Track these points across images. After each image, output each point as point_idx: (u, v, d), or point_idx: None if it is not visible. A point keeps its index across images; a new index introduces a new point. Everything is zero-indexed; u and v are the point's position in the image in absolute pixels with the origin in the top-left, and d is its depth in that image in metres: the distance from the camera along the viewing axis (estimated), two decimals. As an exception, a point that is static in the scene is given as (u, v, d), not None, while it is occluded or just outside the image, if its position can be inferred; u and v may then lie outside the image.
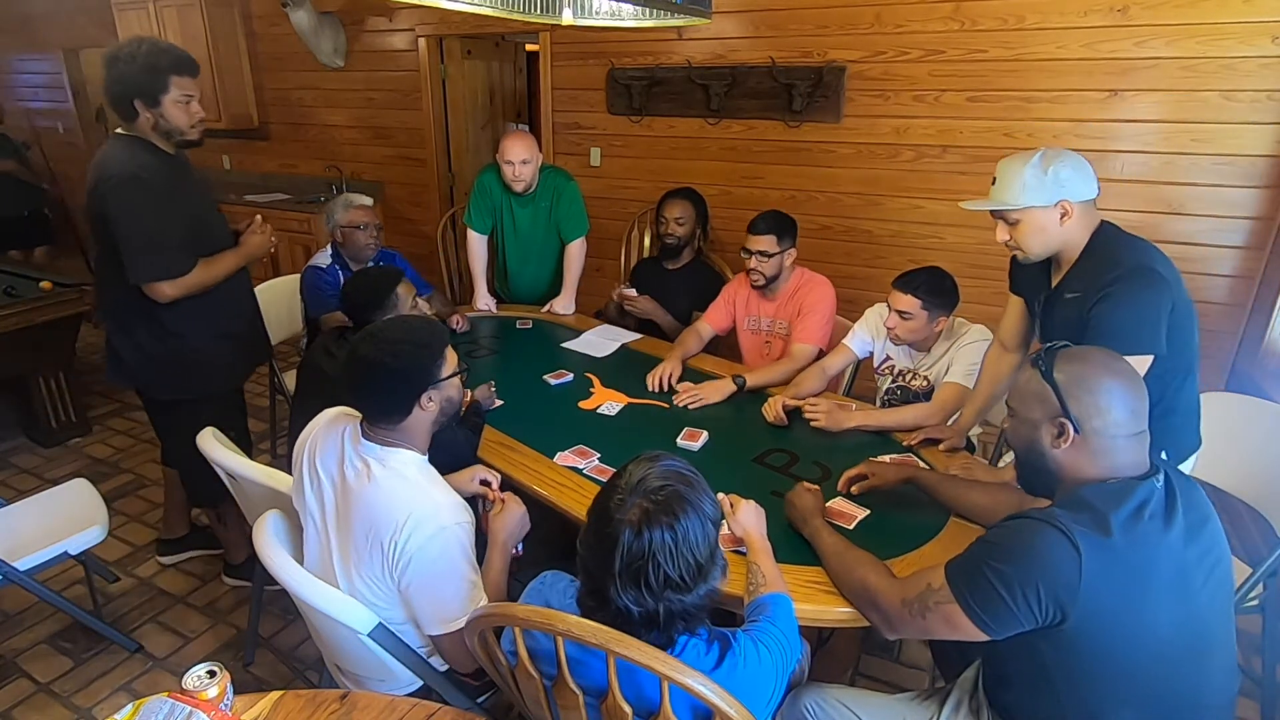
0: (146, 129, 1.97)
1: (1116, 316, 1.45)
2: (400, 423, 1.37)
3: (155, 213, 1.93)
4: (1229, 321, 2.91)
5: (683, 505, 1.02)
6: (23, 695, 2.03)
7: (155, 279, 1.96)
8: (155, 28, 4.96)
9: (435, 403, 1.39)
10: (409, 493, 1.32)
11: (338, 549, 1.39)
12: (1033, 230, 1.57)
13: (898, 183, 3.38)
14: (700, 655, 1.06)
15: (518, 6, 1.68)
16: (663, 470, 1.06)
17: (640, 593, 1.00)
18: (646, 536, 1.00)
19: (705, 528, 1.03)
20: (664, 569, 0.99)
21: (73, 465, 3.21)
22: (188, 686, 1.01)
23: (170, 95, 1.93)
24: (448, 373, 1.41)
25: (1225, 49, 2.68)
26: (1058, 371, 1.11)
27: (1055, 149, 1.55)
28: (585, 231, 3.01)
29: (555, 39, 4.03)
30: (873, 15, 3.22)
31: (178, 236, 1.97)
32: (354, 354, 1.36)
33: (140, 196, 1.91)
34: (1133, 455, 1.09)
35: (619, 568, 1.01)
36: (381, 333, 1.38)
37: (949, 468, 1.80)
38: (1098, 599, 1.00)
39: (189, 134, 2.01)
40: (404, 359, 1.34)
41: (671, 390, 2.26)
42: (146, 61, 1.89)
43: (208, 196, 2.21)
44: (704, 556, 1.03)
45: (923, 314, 2.06)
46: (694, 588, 1.02)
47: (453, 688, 1.45)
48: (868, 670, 2.12)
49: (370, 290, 2.04)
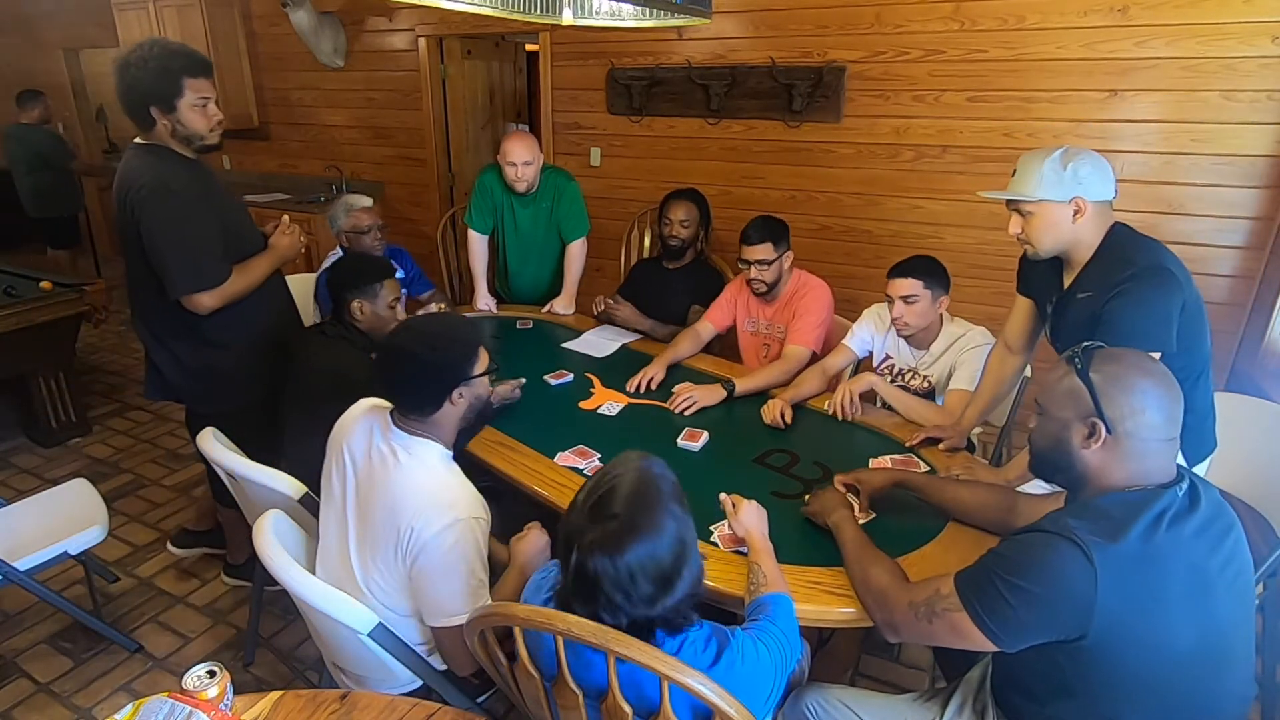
0: (165, 136, 1.90)
1: (1129, 314, 1.45)
2: (430, 415, 1.40)
3: (188, 223, 1.87)
4: (1229, 321, 2.90)
5: (631, 538, 0.99)
6: (23, 695, 2.03)
7: (195, 290, 1.90)
8: (155, 28, 4.96)
9: (465, 399, 1.42)
10: (431, 482, 1.36)
11: (355, 533, 1.42)
12: (1045, 225, 1.56)
13: (897, 183, 3.38)
14: (698, 652, 1.06)
15: (518, 6, 1.68)
16: (625, 492, 1.03)
17: (595, 611, 1.02)
18: (590, 565, 0.99)
19: (660, 545, 1.00)
20: (614, 596, 0.99)
21: (73, 465, 3.21)
22: (188, 686, 1.01)
23: (186, 99, 1.86)
24: (479, 370, 1.44)
25: (1225, 49, 2.69)
26: (1094, 371, 1.09)
27: (1079, 147, 1.55)
28: (586, 232, 3.01)
29: (555, 39, 4.03)
30: (873, 15, 3.22)
31: (213, 245, 1.92)
32: (390, 345, 1.41)
33: (172, 207, 1.85)
34: (1162, 461, 1.07)
35: (574, 585, 1.02)
36: (419, 327, 1.45)
37: (950, 468, 1.80)
38: (1115, 612, 0.99)
39: (209, 138, 1.94)
40: (439, 353, 1.38)
41: (657, 392, 2.25)
42: (158, 65, 1.82)
43: (235, 200, 2.16)
44: (668, 568, 1.00)
45: (926, 294, 2.08)
46: (660, 599, 1.01)
47: (452, 687, 1.45)
48: (868, 670, 2.12)
49: (359, 273, 2.07)
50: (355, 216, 2.72)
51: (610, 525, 1.00)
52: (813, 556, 1.47)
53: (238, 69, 5.06)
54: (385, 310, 2.08)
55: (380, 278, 2.07)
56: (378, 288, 2.06)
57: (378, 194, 4.99)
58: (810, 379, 2.21)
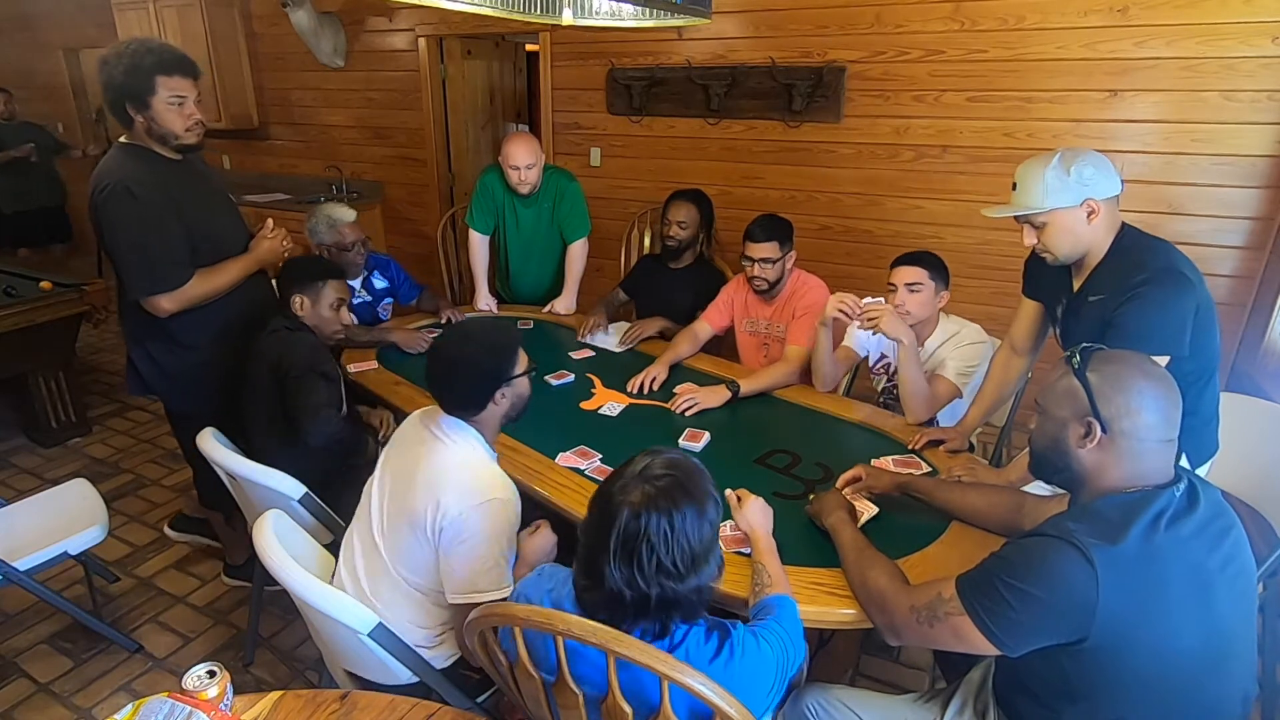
0: (143, 134, 1.90)
1: (1143, 318, 1.45)
2: (476, 415, 1.49)
3: (145, 225, 1.86)
4: (1229, 322, 2.90)
5: (683, 494, 1.04)
6: (23, 695, 2.03)
7: (150, 293, 1.90)
8: (155, 28, 4.96)
9: (508, 398, 1.51)
10: (471, 463, 1.44)
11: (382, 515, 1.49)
12: (1061, 232, 1.56)
13: (898, 183, 3.38)
14: (700, 644, 1.07)
15: (518, 6, 1.68)
16: (667, 460, 1.09)
17: (633, 573, 1.02)
18: (643, 518, 1.02)
19: (702, 521, 1.04)
20: (657, 552, 1.01)
21: (73, 465, 3.21)
22: (188, 686, 1.01)
23: (159, 97, 1.84)
24: (520, 371, 1.53)
25: (1225, 49, 2.69)
26: (1091, 371, 1.09)
27: (1073, 148, 1.54)
28: (587, 232, 3.01)
29: (555, 39, 4.03)
30: (873, 15, 3.22)
31: (171, 249, 1.90)
32: (438, 353, 1.51)
33: (128, 208, 1.84)
34: (1159, 462, 1.07)
35: (614, 544, 1.03)
36: (465, 333, 1.56)
37: (952, 469, 1.79)
38: (1117, 613, 0.99)
39: (185, 138, 1.92)
40: (484, 357, 1.47)
41: (658, 393, 2.25)
42: (131, 63, 1.81)
43: (221, 203, 2.13)
44: (698, 548, 1.04)
45: (930, 285, 2.08)
46: (686, 577, 1.03)
47: (452, 687, 1.45)
48: (868, 670, 2.12)
49: (304, 270, 2.09)
50: (339, 232, 2.66)
51: (663, 483, 1.04)
52: (814, 558, 1.47)
53: (238, 69, 5.06)
54: (327, 311, 2.09)
55: (326, 278, 2.08)
56: (320, 285, 2.06)
57: (377, 194, 5.00)
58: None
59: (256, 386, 1.99)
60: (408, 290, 2.96)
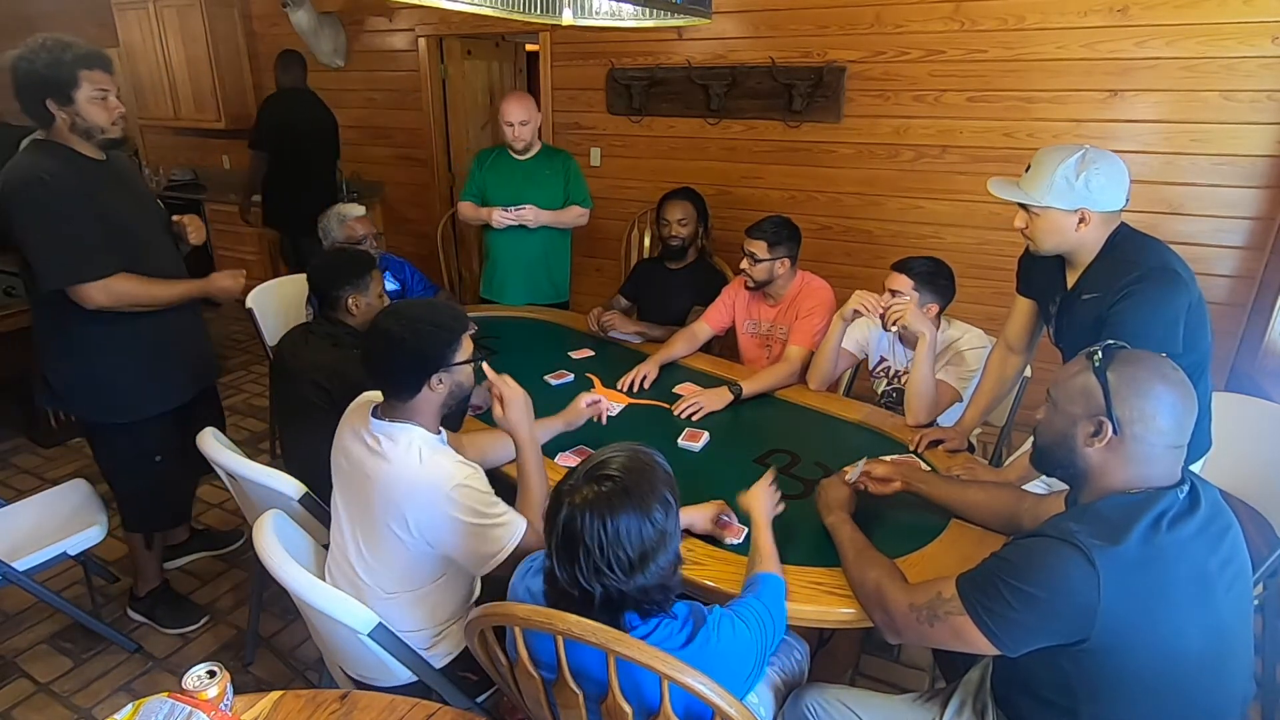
0: (65, 131, 1.83)
1: (1136, 316, 1.45)
2: (409, 400, 1.42)
3: (61, 213, 1.78)
4: (1229, 322, 2.91)
5: (623, 499, 1.01)
6: (23, 695, 2.03)
7: (72, 282, 1.81)
8: (155, 28, 4.98)
9: (445, 385, 1.43)
10: (413, 467, 1.37)
11: (347, 522, 1.46)
12: (1048, 228, 1.56)
13: (898, 183, 3.38)
14: (673, 633, 1.07)
15: (518, 6, 1.68)
16: (621, 461, 1.06)
17: (574, 572, 1.02)
18: (579, 520, 1.01)
19: (644, 524, 1.01)
20: (593, 555, 1.00)
21: (73, 465, 3.21)
22: (188, 686, 1.01)
23: (83, 91, 1.80)
24: (460, 359, 1.44)
25: (1225, 49, 2.69)
26: (1111, 371, 1.08)
27: (1099, 151, 1.51)
28: (590, 206, 3.04)
29: (555, 39, 4.03)
30: (873, 15, 3.22)
31: (88, 233, 1.82)
32: (375, 327, 1.42)
33: (41, 197, 1.77)
34: (1166, 467, 1.07)
35: (555, 543, 1.03)
36: (404, 310, 1.44)
37: (951, 468, 1.80)
38: (1118, 614, 0.99)
39: (110, 131, 1.86)
40: (421, 338, 1.39)
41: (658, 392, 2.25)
42: (50, 58, 1.78)
43: (142, 204, 2.04)
44: (636, 552, 1.01)
45: (914, 295, 2.06)
46: (631, 576, 1.02)
47: (452, 687, 1.45)
48: (868, 670, 2.12)
49: (349, 266, 2.04)
50: (349, 227, 2.66)
51: (605, 486, 1.02)
52: (814, 557, 1.47)
53: (238, 69, 5.06)
54: (375, 300, 2.07)
55: (369, 268, 2.07)
56: (368, 279, 2.05)
57: (377, 194, 5.00)
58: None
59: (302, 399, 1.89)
60: (420, 292, 2.95)
